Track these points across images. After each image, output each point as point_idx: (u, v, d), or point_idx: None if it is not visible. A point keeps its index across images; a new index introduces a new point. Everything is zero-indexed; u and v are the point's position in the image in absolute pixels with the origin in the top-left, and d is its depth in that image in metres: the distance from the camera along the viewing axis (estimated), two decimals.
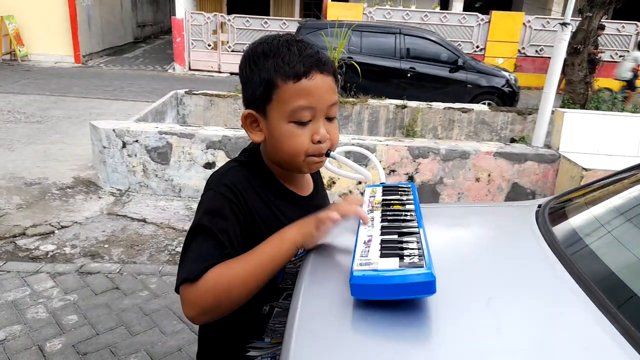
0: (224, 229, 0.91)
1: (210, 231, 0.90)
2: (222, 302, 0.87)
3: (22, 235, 3.51)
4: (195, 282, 0.85)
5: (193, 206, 4.22)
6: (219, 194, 0.94)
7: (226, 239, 0.90)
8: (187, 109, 6.26)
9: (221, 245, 0.89)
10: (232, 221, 0.93)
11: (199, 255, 0.88)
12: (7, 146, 5.46)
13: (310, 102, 0.92)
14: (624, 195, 1.20)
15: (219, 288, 0.85)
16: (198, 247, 0.90)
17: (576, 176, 4.01)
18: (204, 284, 0.85)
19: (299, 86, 0.91)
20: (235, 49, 12.20)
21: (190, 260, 0.88)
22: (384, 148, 4.30)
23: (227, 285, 0.86)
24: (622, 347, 0.71)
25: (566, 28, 4.53)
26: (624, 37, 12.51)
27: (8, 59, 12.04)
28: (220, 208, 0.93)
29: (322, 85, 0.93)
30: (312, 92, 0.92)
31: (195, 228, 0.92)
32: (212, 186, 0.97)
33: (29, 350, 2.34)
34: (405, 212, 0.96)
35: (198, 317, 0.88)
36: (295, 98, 0.92)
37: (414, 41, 8.37)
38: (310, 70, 0.92)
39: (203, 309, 0.87)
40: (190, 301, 0.86)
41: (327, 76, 0.94)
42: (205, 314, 0.88)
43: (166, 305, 2.75)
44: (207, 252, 0.88)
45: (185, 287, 0.86)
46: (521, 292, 0.86)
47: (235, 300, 0.88)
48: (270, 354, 1.10)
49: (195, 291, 0.85)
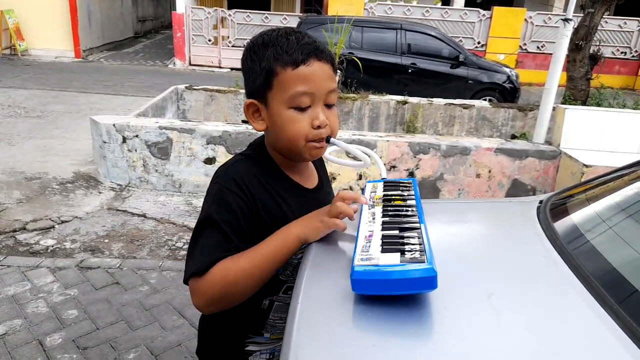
0: (231, 222, 0.94)
1: (217, 224, 0.93)
2: (229, 294, 0.91)
3: (22, 229, 3.51)
4: (203, 275, 0.90)
5: (193, 201, 4.22)
6: (225, 187, 0.96)
7: (233, 232, 0.93)
8: (188, 104, 6.25)
9: (228, 239, 0.92)
10: (239, 214, 0.95)
11: (206, 248, 0.92)
12: (7, 141, 5.46)
13: (309, 88, 0.95)
14: (625, 192, 1.20)
15: (226, 281, 0.90)
16: (206, 240, 0.93)
17: (577, 173, 4.01)
18: (211, 277, 0.89)
19: (298, 72, 0.94)
20: (235, 44, 12.17)
21: (198, 254, 0.92)
22: (384, 144, 4.29)
23: (234, 277, 0.90)
24: (623, 343, 0.71)
25: (568, 24, 4.50)
26: (625, 34, 12.48)
27: (8, 54, 12.01)
28: (227, 201, 0.95)
29: (319, 71, 0.96)
30: (310, 78, 0.95)
31: (203, 221, 0.95)
32: (219, 180, 0.99)
33: (29, 345, 2.34)
34: (407, 208, 0.96)
35: (206, 307, 0.93)
36: (294, 84, 0.95)
37: (415, 37, 8.35)
38: (308, 57, 0.95)
39: (211, 299, 0.91)
40: (198, 293, 0.91)
41: (324, 64, 0.97)
42: (212, 305, 0.93)
43: (166, 301, 2.75)
44: (215, 245, 0.92)
45: (194, 279, 0.91)
46: (522, 288, 0.86)
47: (242, 292, 0.92)
48: (269, 350, 1.10)
49: (203, 283, 0.90)
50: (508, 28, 12.12)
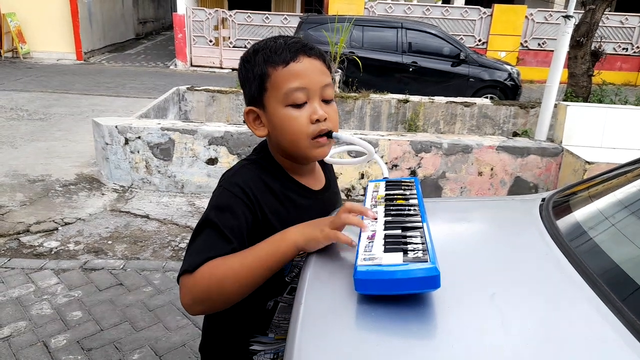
0: (230, 225, 0.93)
1: (216, 226, 0.92)
2: (215, 294, 0.88)
3: (26, 232, 3.52)
4: (193, 272, 0.88)
5: (196, 202, 4.22)
6: (229, 191, 0.96)
7: (232, 234, 0.92)
8: (189, 105, 6.26)
9: (226, 240, 0.91)
10: (240, 218, 0.94)
11: (201, 248, 0.91)
12: (10, 143, 5.47)
13: (302, 83, 0.96)
14: (628, 189, 1.20)
15: (213, 278, 0.87)
16: (202, 240, 0.92)
17: (579, 170, 4.00)
18: (199, 274, 0.88)
19: (289, 70, 0.95)
20: (236, 45, 12.18)
21: (193, 253, 0.91)
22: (386, 143, 4.29)
23: (222, 276, 0.87)
24: (627, 340, 0.71)
25: (569, 21, 4.49)
26: (627, 30, 12.44)
27: (10, 57, 12.04)
28: (229, 205, 0.95)
29: (310, 67, 0.97)
30: (301, 74, 0.96)
31: (202, 223, 0.95)
32: (223, 184, 0.99)
33: (34, 347, 2.35)
34: (409, 207, 0.96)
35: (191, 307, 0.90)
36: (287, 81, 0.95)
37: (416, 35, 8.33)
38: (297, 55, 0.96)
39: (195, 298, 0.89)
40: (184, 289, 0.89)
41: (315, 59, 0.98)
42: (197, 304, 0.90)
43: (170, 301, 2.76)
44: (210, 245, 0.91)
45: (184, 277, 0.90)
46: (525, 286, 0.86)
47: (227, 292, 0.89)
48: (274, 350, 1.10)
49: (191, 280, 0.88)
50: (509, 25, 12.09)
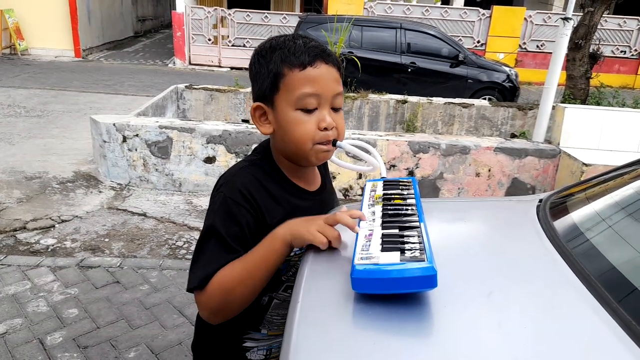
0: (235, 233, 0.94)
1: (220, 236, 0.93)
2: (229, 303, 0.92)
3: (22, 229, 3.51)
4: (204, 288, 0.91)
5: (193, 201, 4.22)
6: (230, 198, 0.96)
7: (236, 243, 0.93)
8: (188, 104, 6.25)
9: (231, 249, 0.93)
10: (243, 225, 0.95)
11: (208, 260, 0.93)
12: (8, 140, 5.45)
13: (316, 90, 0.95)
14: (625, 191, 1.20)
15: (224, 290, 0.90)
16: (209, 251, 0.94)
17: (576, 171, 4.01)
18: (210, 289, 0.91)
19: (305, 74, 0.95)
20: (235, 44, 12.17)
21: (200, 266, 0.93)
22: (384, 143, 4.30)
23: (231, 285, 0.90)
24: (623, 341, 0.71)
25: (568, 23, 4.50)
26: (625, 33, 12.47)
27: (8, 53, 12.01)
28: (232, 213, 0.95)
29: (326, 74, 0.97)
30: (317, 80, 0.95)
31: (207, 232, 0.95)
32: (223, 189, 0.99)
33: (29, 344, 2.34)
34: (406, 207, 0.96)
35: (212, 319, 0.95)
36: (301, 85, 0.95)
37: (415, 36, 8.34)
38: (315, 60, 0.96)
39: (212, 311, 0.93)
40: (201, 305, 0.94)
41: (331, 67, 0.98)
42: (217, 315, 0.94)
43: (166, 299, 2.75)
44: (217, 257, 0.92)
45: (197, 293, 0.93)
46: (522, 286, 0.86)
47: (240, 298, 0.93)
48: (266, 346, 1.10)
49: (204, 296, 0.92)
50: (508, 27, 12.12)
